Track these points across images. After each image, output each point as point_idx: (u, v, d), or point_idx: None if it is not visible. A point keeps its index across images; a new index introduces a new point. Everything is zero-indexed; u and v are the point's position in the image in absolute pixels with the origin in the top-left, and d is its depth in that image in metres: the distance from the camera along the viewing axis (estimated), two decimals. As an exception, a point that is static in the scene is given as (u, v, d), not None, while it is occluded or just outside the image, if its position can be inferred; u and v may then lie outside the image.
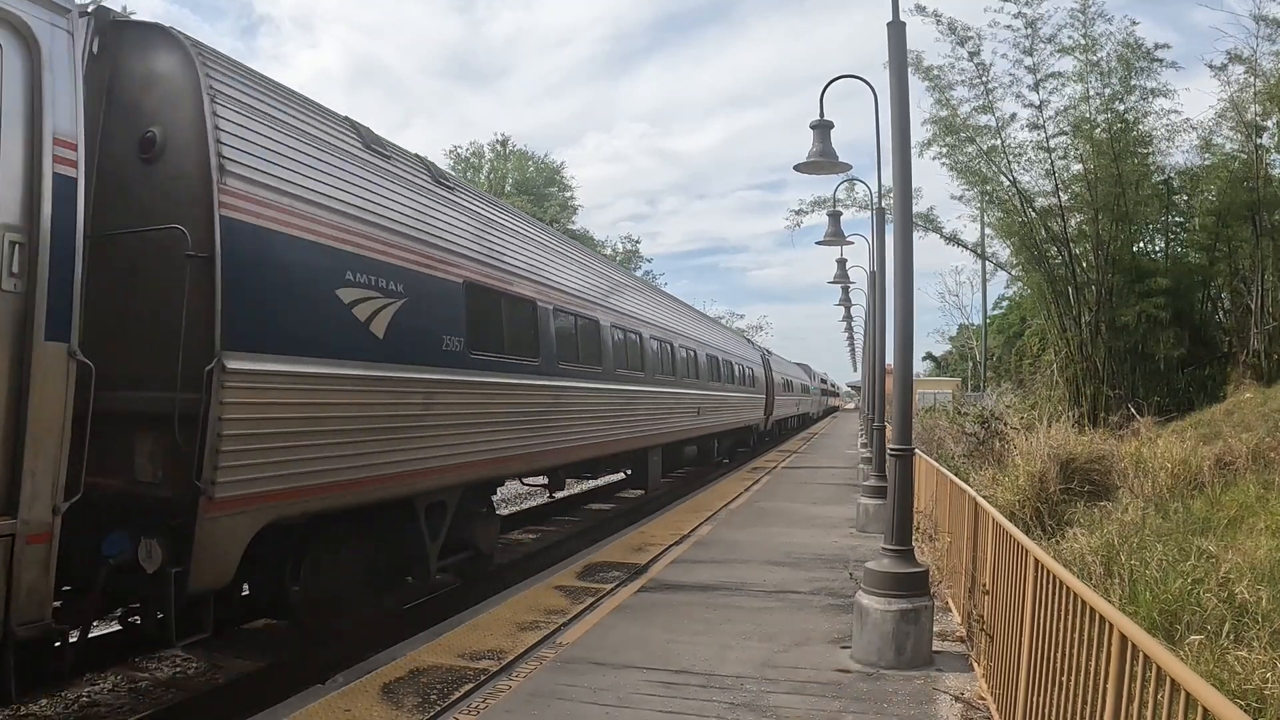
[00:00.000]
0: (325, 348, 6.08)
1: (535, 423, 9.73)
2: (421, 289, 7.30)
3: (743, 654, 6.26)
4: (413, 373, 7.09)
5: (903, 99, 6.23)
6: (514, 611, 7.48)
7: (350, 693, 5.43)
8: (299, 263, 5.92)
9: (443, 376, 7.56)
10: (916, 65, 24.84)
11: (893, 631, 5.83)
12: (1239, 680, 5.22)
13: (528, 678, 5.72)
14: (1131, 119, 23.61)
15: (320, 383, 6.02)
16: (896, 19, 6.36)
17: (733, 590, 8.37)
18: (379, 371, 6.65)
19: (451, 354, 7.71)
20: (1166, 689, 2.42)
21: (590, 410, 11.72)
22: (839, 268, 21.44)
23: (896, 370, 6.67)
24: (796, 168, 9.65)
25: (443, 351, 7.57)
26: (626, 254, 67.27)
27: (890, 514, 6.21)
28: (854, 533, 11.83)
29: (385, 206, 7.10)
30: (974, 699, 5.25)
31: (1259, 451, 12.84)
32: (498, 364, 8.68)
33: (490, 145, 59.60)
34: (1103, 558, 8.29)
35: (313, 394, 5.97)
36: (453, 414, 7.80)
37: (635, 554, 10.21)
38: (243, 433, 5.34)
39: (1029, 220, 25.86)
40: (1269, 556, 8.03)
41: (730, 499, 15.74)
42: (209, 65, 5.63)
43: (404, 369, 6.97)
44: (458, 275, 8.04)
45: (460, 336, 7.87)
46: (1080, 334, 25.38)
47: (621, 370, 13.33)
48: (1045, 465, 13.21)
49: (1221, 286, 25.62)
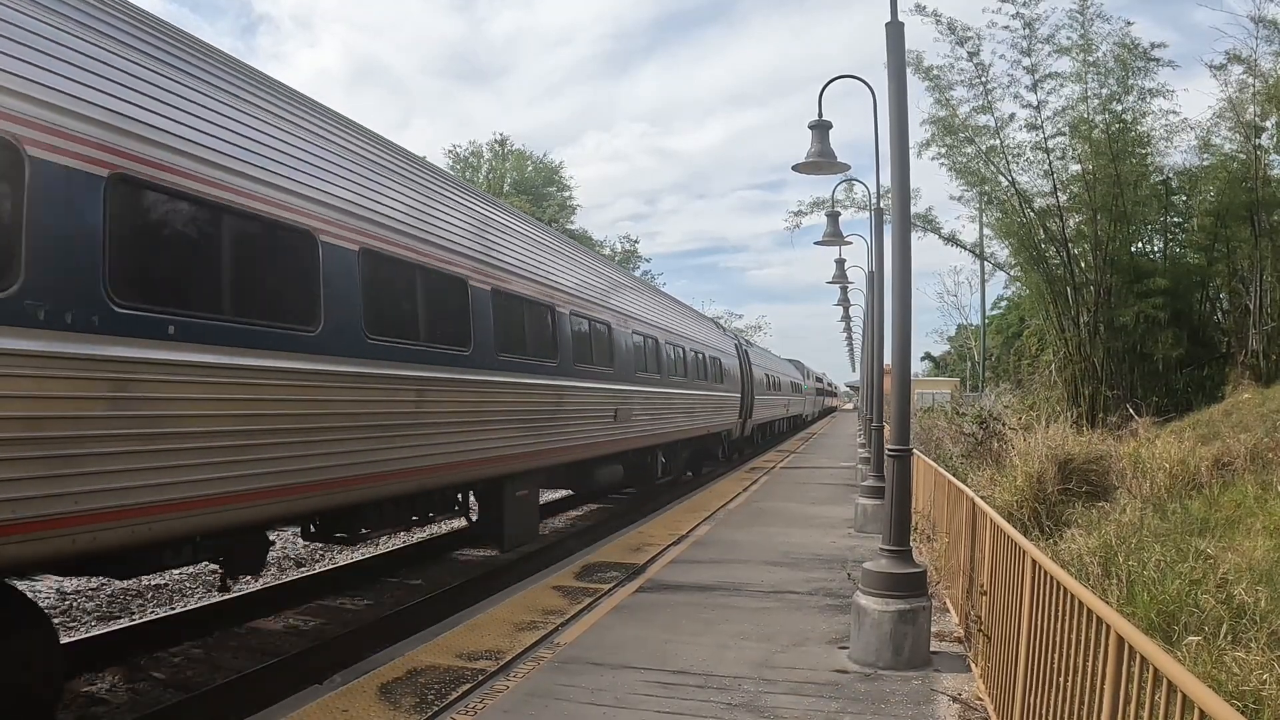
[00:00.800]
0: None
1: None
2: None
3: (741, 654, 6.25)
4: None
5: (901, 99, 6.23)
6: (512, 612, 7.48)
7: (348, 693, 5.42)
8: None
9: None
10: (916, 65, 24.88)
11: (891, 632, 5.83)
12: (1236, 681, 5.22)
13: (525, 678, 5.72)
14: (1129, 119, 23.65)
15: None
16: (895, 19, 6.36)
17: (731, 590, 8.37)
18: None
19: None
20: (1164, 690, 2.42)
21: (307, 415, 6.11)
22: (838, 268, 21.46)
23: (895, 370, 6.67)
24: (795, 168, 9.65)
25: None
26: (625, 254, 67.24)
27: (888, 514, 6.21)
28: (852, 533, 11.83)
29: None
30: (972, 699, 5.25)
31: (1257, 452, 12.85)
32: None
33: (489, 145, 59.62)
34: (1101, 558, 8.29)
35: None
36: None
37: (633, 554, 10.20)
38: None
39: (1027, 220, 25.87)
40: (1267, 557, 8.04)
41: (729, 499, 15.74)
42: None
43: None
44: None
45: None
46: (1079, 334, 25.40)
47: (405, 341, 7.34)
48: (1043, 466, 13.22)
49: (1220, 287, 25.65)
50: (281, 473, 5.79)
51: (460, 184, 10.14)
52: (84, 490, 4.38)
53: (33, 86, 4.21)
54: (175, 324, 4.93)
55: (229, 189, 5.43)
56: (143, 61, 5.05)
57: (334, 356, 6.29)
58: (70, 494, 4.31)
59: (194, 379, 5.06)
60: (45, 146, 4.24)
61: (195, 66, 5.56)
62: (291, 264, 6.08)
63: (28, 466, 4.11)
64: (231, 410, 5.34)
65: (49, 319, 4.20)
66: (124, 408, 4.60)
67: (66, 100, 4.38)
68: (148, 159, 4.83)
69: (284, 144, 6.16)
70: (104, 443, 4.51)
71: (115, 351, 4.53)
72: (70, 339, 4.30)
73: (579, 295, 11.93)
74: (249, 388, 5.47)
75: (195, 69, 5.54)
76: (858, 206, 29.52)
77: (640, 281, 19.81)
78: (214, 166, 5.33)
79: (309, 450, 6.05)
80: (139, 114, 4.85)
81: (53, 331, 4.21)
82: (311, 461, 6.10)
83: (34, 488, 4.13)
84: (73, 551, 4.43)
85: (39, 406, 4.18)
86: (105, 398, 4.47)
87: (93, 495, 4.43)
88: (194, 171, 5.15)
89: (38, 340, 4.14)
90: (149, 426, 4.77)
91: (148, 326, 4.75)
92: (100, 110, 4.59)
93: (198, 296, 5.27)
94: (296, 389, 5.93)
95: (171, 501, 4.93)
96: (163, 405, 4.84)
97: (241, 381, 5.40)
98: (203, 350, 5.10)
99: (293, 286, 6.08)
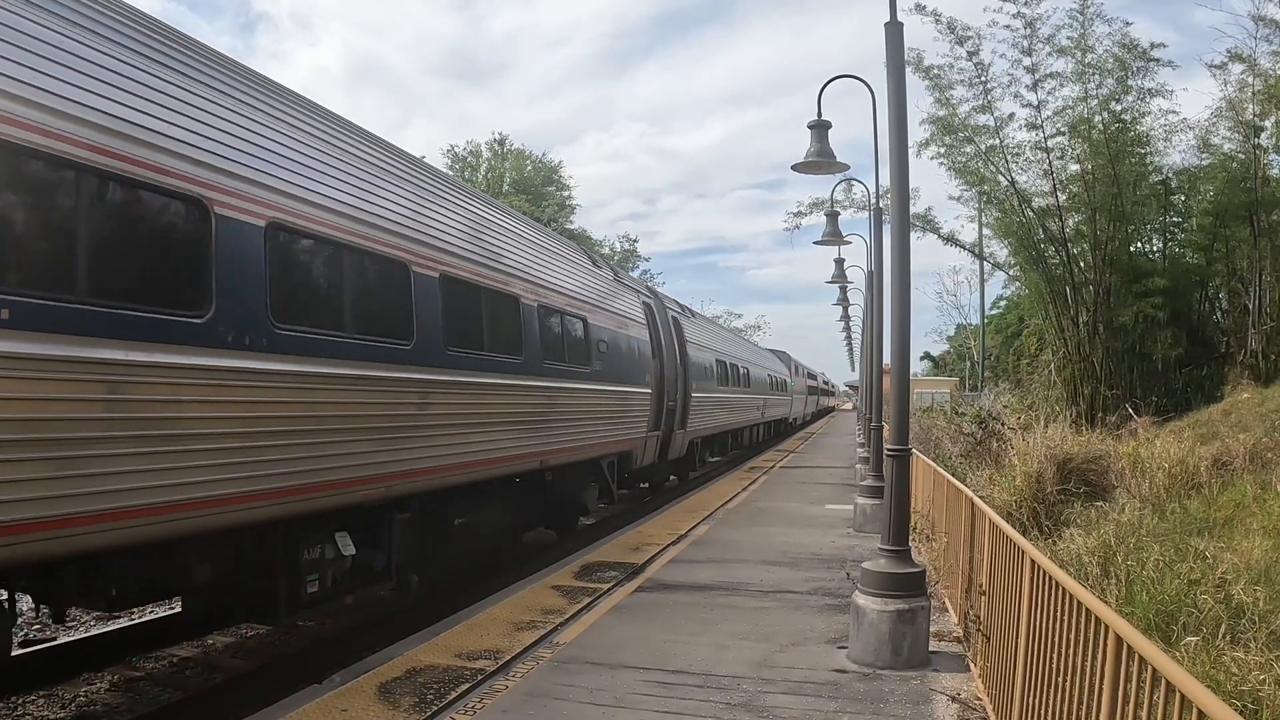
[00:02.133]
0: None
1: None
2: None
3: (739, 654, 6.26)
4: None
5: (900, 99, 6.23)
6: (511, 611, 7.48)
7: (347, 692, 5.42)
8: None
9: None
10: (916, 65, 24.84)
11: (889, 632, 5.83)
12: (1235, 681, 5.23)
13: (525, 678, 5.72)
14: (1129, 119, 23.64)
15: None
16: (894, 19, 6.36)
17: (730, 590, 8.37)
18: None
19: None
20: (1162, 690, 2.42)
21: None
22: (837, 267, 21.46)
23: (894, 370, 6.67)
24: (794, 167, 9.64)
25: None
26: (625, 253, 67.18)
27: (887, 514, 6.21)
28: (851, 532, 11.84)
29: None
30: (970, 699, 5.25)
31: (1256, 452, 12.83)
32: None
33: (488, 144, 59.58)
34: (1099, 558, 8.30)
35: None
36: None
37: (633, 554, 10.21)
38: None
39: (1027, 220, 25.85)
40: (1265, 557, 8.04)
41: (728, 499, 15.75)
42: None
43: None
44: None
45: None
46: (1078, 334, 25.39)
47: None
48: (1042, 465, 13.24)
49: (1219, 286, 25.63)
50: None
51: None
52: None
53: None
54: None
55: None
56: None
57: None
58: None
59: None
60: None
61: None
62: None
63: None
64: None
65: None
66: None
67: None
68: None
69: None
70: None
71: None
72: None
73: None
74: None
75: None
76: (857, 206, 29.48)
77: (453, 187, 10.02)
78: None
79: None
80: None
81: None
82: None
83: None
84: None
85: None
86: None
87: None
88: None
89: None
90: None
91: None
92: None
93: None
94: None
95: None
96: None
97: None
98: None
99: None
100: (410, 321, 7.27)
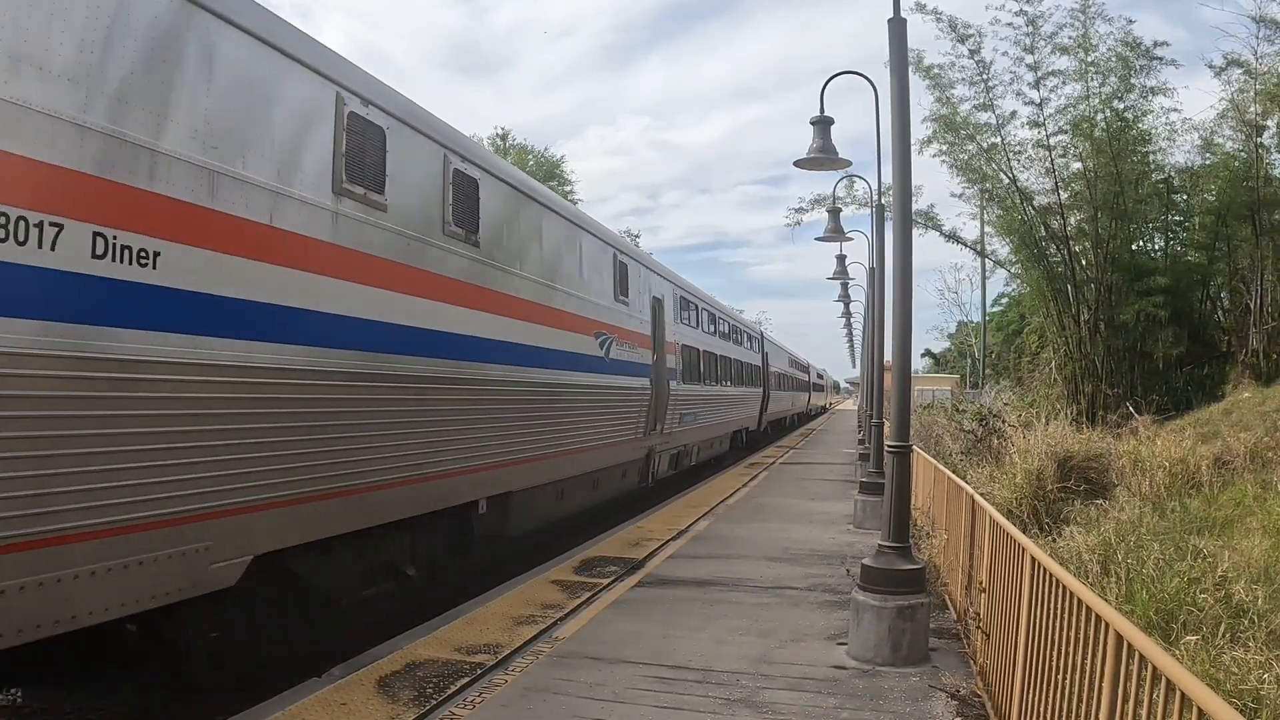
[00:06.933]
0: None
1: None
2: None
3: (739, 650, 6.26)
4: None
5: (903, 96, 6.22)
6: (510, 606, 7.48)
7: (346, 686, 5.43)
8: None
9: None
10: (917, 64, 24.79)
11: (889, 628, 5.83)
12: (1234, 680, 5.23)
13: (524, 672, 5.72)
14: (1131, 117, 23.60)
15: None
16: (897, 15, 6.35)
17: (730, 586, 8.37)
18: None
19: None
20: (1162, 688, 2.42)
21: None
22: (838, 264, 21.46)
23: (895, 366, 6.67)
24: (796, 163, 9.64)
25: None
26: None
27: (888, 511, 6.21)
28: (851, 529, 11.84)
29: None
30: (970, 696, 5.25)
31: (1257, 451, 12.84)
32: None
33: (490, 139, 59.54)
34: (1100, 556, 8.30)
35: None
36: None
37: (633, 549, 10.21)
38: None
39: (1028, 218, 25.83)
40: (1265, 556, 8.04)
41: (728, 494, 15.76)
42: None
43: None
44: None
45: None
46: (1079, 332, 25.37)
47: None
48: (1043, 463, 13.23)
49: (1221, 286, 25.60)
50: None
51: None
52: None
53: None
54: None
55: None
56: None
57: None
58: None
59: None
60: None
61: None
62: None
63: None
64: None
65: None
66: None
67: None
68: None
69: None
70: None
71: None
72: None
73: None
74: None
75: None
76: (859, 203, 29.39)
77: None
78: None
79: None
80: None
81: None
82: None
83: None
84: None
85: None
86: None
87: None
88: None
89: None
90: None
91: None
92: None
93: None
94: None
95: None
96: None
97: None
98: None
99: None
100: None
